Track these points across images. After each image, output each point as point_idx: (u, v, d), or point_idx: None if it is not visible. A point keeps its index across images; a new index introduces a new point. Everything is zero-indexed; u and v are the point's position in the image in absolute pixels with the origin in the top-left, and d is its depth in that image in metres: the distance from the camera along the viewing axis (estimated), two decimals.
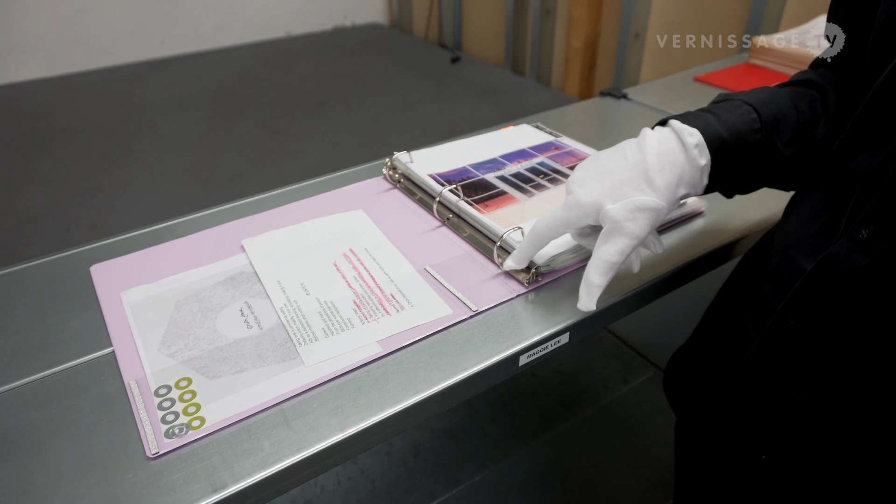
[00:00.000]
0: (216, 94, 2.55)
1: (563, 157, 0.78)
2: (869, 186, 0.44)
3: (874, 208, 0.42)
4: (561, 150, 0.80)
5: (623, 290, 0.59)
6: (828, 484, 0.51)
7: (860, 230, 0.43)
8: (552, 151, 0.80)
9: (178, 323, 0.56)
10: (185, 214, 0.74)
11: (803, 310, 0.47)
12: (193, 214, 0.73)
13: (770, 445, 0.54)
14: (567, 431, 1.07)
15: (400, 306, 0.57)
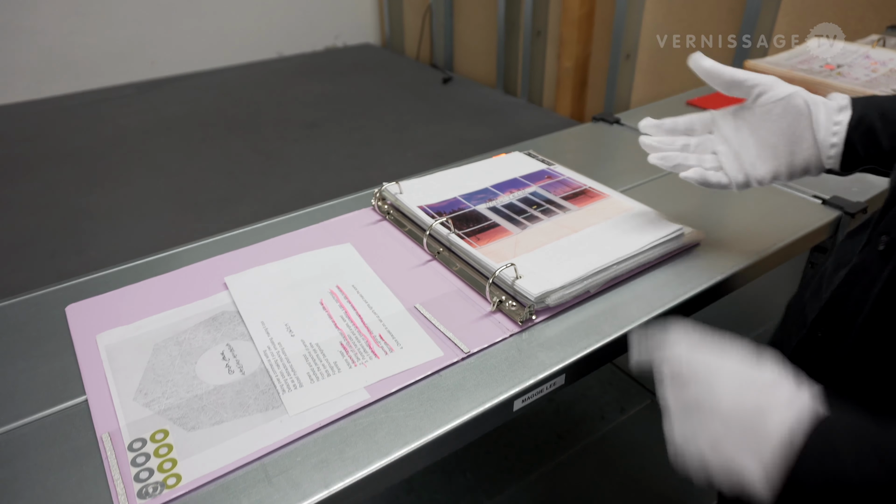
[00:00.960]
0: (206, 115, 2.54)
1: (556, 187, 0.76)
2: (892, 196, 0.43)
3: (894, 216, 0.42)
4: (554, 179, 0.78)
5: (619, 328, 0.57)
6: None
7: (880, 239, 0.42)
8: (545, 180, 0.78)
9: (156, 368, 0.53)
10: (173, 239, 0.72)
11: (830, 322, 0.46)
12: (174, 249, 0.70)
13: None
14: (563, 464, 1.05)
15: (389, 348, 0.55)
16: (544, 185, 0.77)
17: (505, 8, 2.64)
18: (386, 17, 3.40)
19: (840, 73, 1.10)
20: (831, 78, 1.07)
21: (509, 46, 2.73)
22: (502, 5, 2.64)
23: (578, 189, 0.75)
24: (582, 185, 0.76)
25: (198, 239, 0.73)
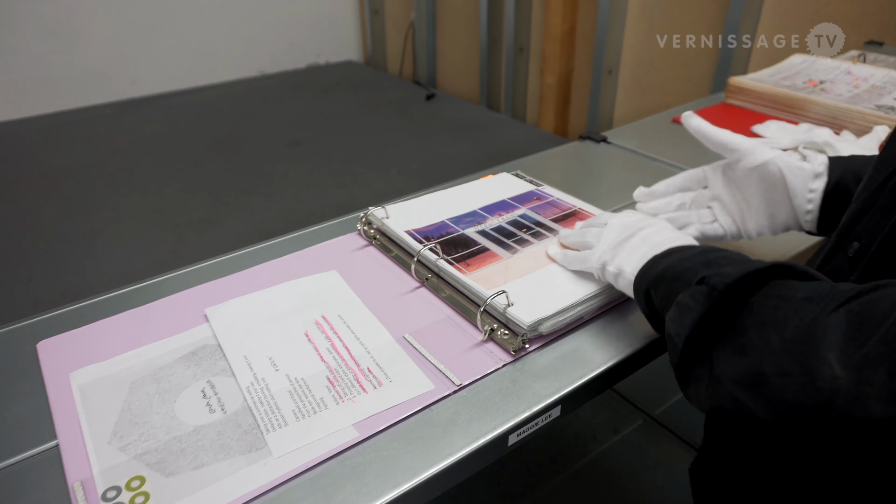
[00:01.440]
0: (187, 134, 2.51)
1: (546, 209, 0.75)
2: (866, 205, 0.45)
3: (865, 224, 0.44)
4: (543, 201, 0.77)
5: (615, 355, 0.56)
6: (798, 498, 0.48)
7: (850, 245, 0.45)
8: (534, 202, 0.76)
9: (132, 408, 0.51)
10: (153, 262, 0.70)
11: None
12: (152, 279, 0.68)
13: (738, 463, 0.53)
14: (557, 488, 1.03)
15: (378, 382, 0.52)
16: (533, 206, 0.75)
17: (487, 24, 2.65)
18: (368, 34, 3.40)
19: (823, 89, 1.10)
20: (815, 94, 1.08)
21: (492, 63, 2.74)
22: (484, 22, 2.65)
23: (568, 210, 0.74)
24: (571, 206, 0.75)
25: (178, 264, 0.70)
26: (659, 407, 1.18)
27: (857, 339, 0.33)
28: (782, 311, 0.38)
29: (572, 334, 0.58)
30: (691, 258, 0.47)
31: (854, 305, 0.35)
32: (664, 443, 1.11)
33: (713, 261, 0.45)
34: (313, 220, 1.82)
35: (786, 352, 0.36)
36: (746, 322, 0.40)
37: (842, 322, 0.34)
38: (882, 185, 0.45)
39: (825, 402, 0.34)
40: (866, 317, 0.33)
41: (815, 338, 0.35)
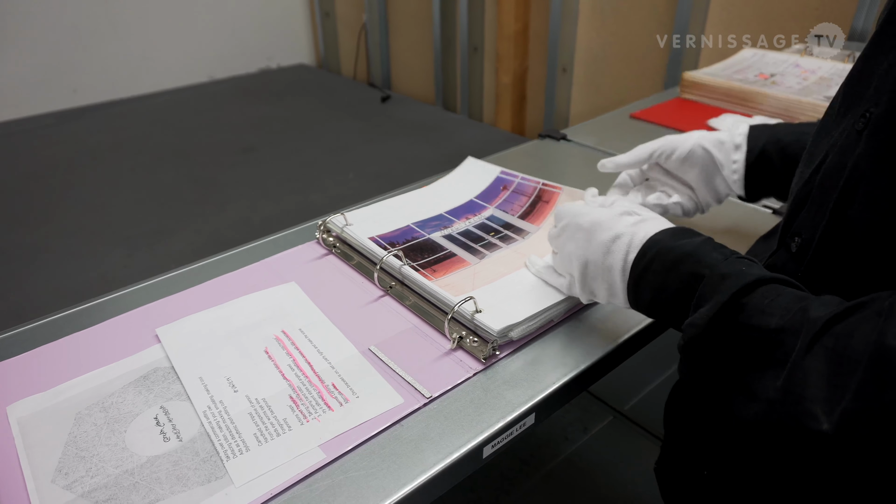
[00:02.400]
0: (135, 144, 2.42)
1: (513, 200, 0.72)
2: (800, 200, 0.46)
3: (802, 219, 0.45)
4: (510, 189, 0.74)
5: (587, 358, 0.54)
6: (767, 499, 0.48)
7: (793, 240, 0.46)
8: (501, 195, 0.74)
9: (78, 441, 0.47)
10: (102, 277, 0.66)
11: None
12: (97, 299, 0.64)
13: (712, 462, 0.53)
14: (530, 490, 1.01)
15: (344, 398, 0.50)
16: (501, 203, 0.73)
17: (440, 25, 2.63)
18: (320, 36, 3.35)
19: (774, 82, 1.12)
20: (766, 87, 1.09)
21: (446, 63, 2.72)
22: (437, 22, 2.63)
23: (534, 194, 0.72)
24: (536, 184, 0.72)
25: (129, 279, 0.67)
26: (628, 403, 1.18)
27: (837, 388, 0.33)
28: (762, 345, 0.37)
29: (543, 338, 0.57)
30: (664, 285, 0.45)
31: (828, 340, 0.34)
32: (634, 438, 1.12)
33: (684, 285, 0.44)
34: (270, 227, 1.77)
35: (781, 402, 0.36)
36: (738, 359, 0.39)
37: (820, 365, 0.34)
38: (810, 179, 0.45)
39: (819, 452, 0.35)
40: (843, 358, 0.33)
41: (798, 388, 0.34)
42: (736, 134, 0.62)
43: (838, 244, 0.41)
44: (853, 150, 0.40)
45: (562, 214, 0.56)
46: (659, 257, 0.46)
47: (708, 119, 1.05)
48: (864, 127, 0.39)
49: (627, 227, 0.49)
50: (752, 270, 0.41)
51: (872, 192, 0.37)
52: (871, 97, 0.40)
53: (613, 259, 0.49)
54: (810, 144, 0.49)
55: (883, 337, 0.31)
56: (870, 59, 0.43)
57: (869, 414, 0.31)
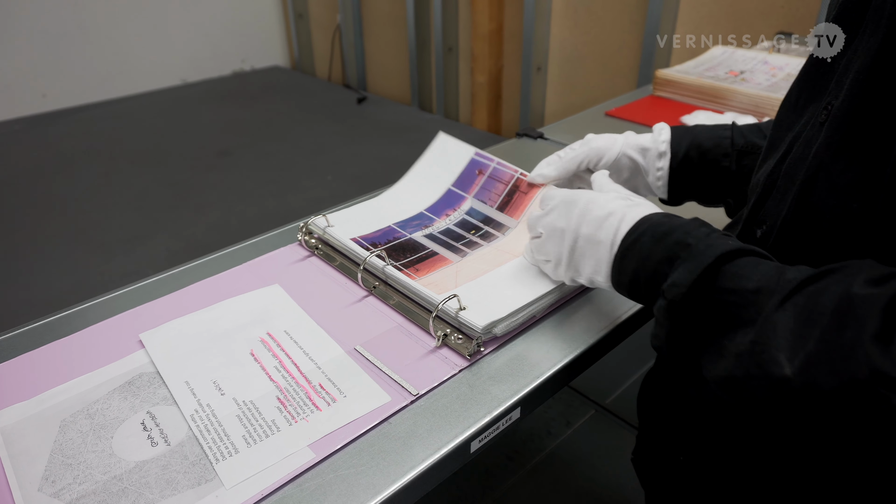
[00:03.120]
0: (108, 149, 2.38)
1: (490, 187, 0.72)
2: (765, 189, 0.48)
3: (767, 208, 0.47)
4: (485, 174, 0.73)
5: (571, 351, 0.56)
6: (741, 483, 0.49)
7: (758, 228, 0.48)
8: (478, 180, 0.73)
9: (64, 449, 0.47)
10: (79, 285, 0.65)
11: None
12: (79, 306, 0.63)
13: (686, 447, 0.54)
14: (515, 485, 1.03)
15: (331, 398, 0.50)
16: (478, 190, 0.73)
17: (415, 25, 2.64)
18: (294, 38, 3.33)
19: (744, 79, 1.15)
20: (736, 84, 1.12)
21: (422, 63, 2.73)
22: (412, 23, 2.64)
23: (511, 182, 0.71)
24: (513, 173, 0.72)
25: (106, 286, 0.66)
26: (609, 396, 1.20)
27: (802, 338, 0.34)
28: (737, 307, 0.39)
29: (526, 333, 0.58)
30: (650, 254, 0.46)
31: (799, 298, 0.36)
32: (616, 431, 1.13)
33: (670, 253, 0.45)
34: (248, 230, 1.76)
35: (749, 353, 0.37)
36: (714, 321, 0.40)
37: (788, 319, 0.35)
38: (775, 169, 0.47)
39: (784, 400, 0.36)
40: (811, 313, 0.35)
41: (766, 337, 0.36)
42: (660, 142, 0.64)
43: (801, 230, 0.43)
44: (816, 140, 0.42)
45: (552, 195, 0.57)
46: (649, 231, 0.47)
47: (681, 116, 1.07)
48: (826, 119, 0.41)
49: (621, 207, 0.51)
50: (735, 244, 0.43)
51: (831, 179, 0.39)
52: (832, 90, 0.42)
53: (604, 234, 0.50)
54: (770, 137, 0.51)
55: (849, 287, 0.33)
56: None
57: (828, 355, 0.33)
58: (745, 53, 1.27)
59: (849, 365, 0.32)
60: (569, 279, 0.55)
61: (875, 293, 0.32)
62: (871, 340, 0.31)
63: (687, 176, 0.64)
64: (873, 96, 0.37)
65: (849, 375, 0.32)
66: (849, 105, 0.38)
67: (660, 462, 0.59)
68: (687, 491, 0.55)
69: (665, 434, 0.57)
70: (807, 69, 0.48)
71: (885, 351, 0.30)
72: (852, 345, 0.32)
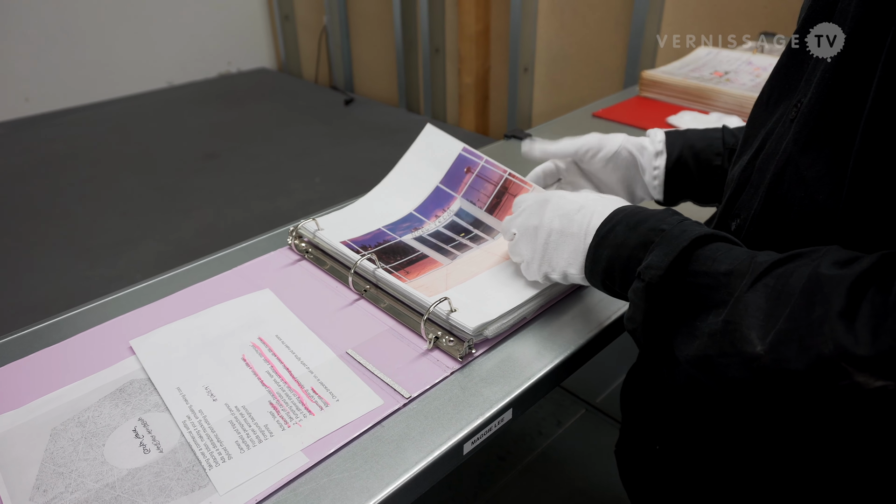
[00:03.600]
0: (92, 152, 2.36)
1: (479, 188, 0.71)
2: (739, 184, 0.49)
3: (742, 202, 0.48)
4: (474, 172, 0.72)
5: (561, 352, 0.56)
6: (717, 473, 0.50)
7: (732, 222, 0.49)
8: (466, 178, 0.73)
9: (55, 457, 0.46)
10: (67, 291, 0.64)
11: None
12: (67, 313, 0.63)
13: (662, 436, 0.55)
14: (507, 485, 1.03)
15: (324, 402, 0.50)
16: (467, 190, 0.72)
17: (402, 26, 2.64)
18: (280, 40, 3.32)
19: (728, 80, 1.16)
20: (721, 84, 1.13)
21: (409, 65, 2.73)
22: (398, 24, 2.64)
23: (500, 183, 0.71)
24: (502, 173, 0.71)
25: (93, 292, 0.66)
26: (599, 395, 1.21)
27: (773, 317, 0.36)
28: (709, 288, 0.40)
29: (518, 335, 0.58)
30: (625, 241, 0.47)
31: (770, 279, 0.37)
32: (607, 429, 1.14)
33: (645, 238, 0.46)
34: (237, 233, 1.75)
35: (721, 332, 0.38)
36: (687, 303, 0.42)
37: (759, 298, 0.37)
38: (749, 164, 0.49)
39: (755, 377, 0.37)
40: (781, 293, 0.36)
41: (738, 317, 0.37)
42: (656, 141, 0.65)
43: (771, 222, 0.44)
44: (786, 136, 0.43)
45: (524, 198, 0.59)
46: (624, 220, 0.49)
47: (667, 116, 1.08)
48: (795, 115, 0.43)
49: (592, 201, 0.53)
50: (709, 230, 0.44)
51: (799, 172, 0.41)
52: (801, 89, 0.44)
53: (576, 226, 0.52)
54: (745, 134, 0.53)
55: (817, 268, 0.35)
56: (795, 55, 0.46)
57: (797, 332, 0.34)
58: (729, 54, 1.28)
59: (815, 341, 0.33)
60: (542, 276, 0.56)
61: (841, 273, 0.33)
62: (836, 317, 0.32)
63: (682, 175, 0.65)
64: (838, 94, 0.38)
65: (815, 351, 0.33)
66: (815, 102, 0.40)
67: (638, 453, 0.60)
68: (663, 480, 0.56)
69: (643, 425, 0.58)
70: (778, 69, 0.49)
71: (849, 327, 0.32)
72: (819, 322, 0.33)
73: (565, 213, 0.53)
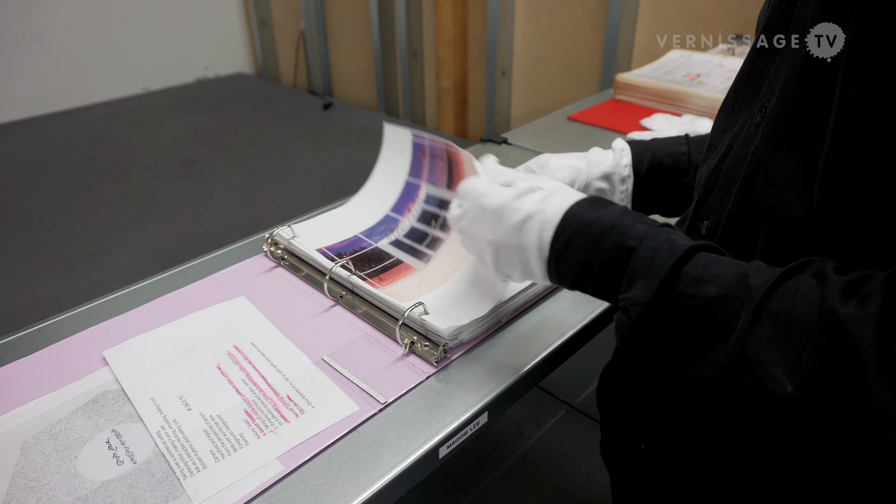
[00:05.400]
0: (67, 160, 2.33)
1: (435, 169, 0.70)
2: (707, 188, 0.50)
3: (711, 204, 0.49)
4: (427, 154, 0.71)
5: (535, 355, 0.57)
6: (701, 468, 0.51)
7: (702, 224, 0.50)
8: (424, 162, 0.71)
9: (26, 471, 0.46)
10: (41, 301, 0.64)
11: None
12: (39, 324, 0.62)
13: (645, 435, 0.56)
14: (489, 488, 1.03)
15: (299, 409, 0.51)
16: (428, 173, 0.71)
17: (379, 31, 2.64)
18: (258, 45, 3.30)
19: (700, 83, 1.18)
20: (693, 87, 1.15)
21: (387, 69, 2.73)
22: (376, 29, 2.64)
23: (445, 157, 0.68)
24: (443, 146, 0.68)
25: (69, 302, 0.65)
26: (579, 395, 1.22)
27: (792, 351, 0.35)
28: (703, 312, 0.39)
29: (493, 338, 0.59)
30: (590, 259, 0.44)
31: (772, 304, 0.36)
32: (587, 429, 1.15)
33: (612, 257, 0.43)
34: (215, 240, 1.74)
35: (737, 364, 0.37)
36: (684, 326, 0.40)
37: (768, 329, 0.36)
38: (717, 168, 0.50)
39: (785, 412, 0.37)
40: (791, 323, 0.35)
41: (752, 349, 0.36)
42: (621, 166, 0.64)
43: (744, 224, 0.45)
44: (753, 140, 0.44)
45: (465, 192, 0.53)
46: (580, 231, 0.45)
47: (641, 119, 1.10)
48: (761, 120, 0.44)
49: (536, 206, 0.47)
50: (680, 240, 0.42)
51: (770, 175, 0.42)
52: (764, 94, 0.45)
53: (527, 240, 0.47)
54: (710, 139, 0.54)
55: (826, 301, 0.34)
56: (757, 62, 0.48)
57: (833, 379, 0.34)
58: (701, 57, 1.30)
59: (860, 395, 0.33)
60: (501, 279, 0.54)
61: (860, 315, 0.33)
62: (876, 373, 0.32)
63: (649, 193, 0.65)
64: (804, 98, 0.39)
65: (863, 406, 0.33)
66: (782, 107, 0.41)
67: (624, 452, 0.60)
68: (650, 478, 0.57)
69: (625, 424, 0.59)
70: (741, 75, 0.50)
71: (891, 384, 0.32)
72: (859, 375, 0.33)
73: (511, 225, 0.48)
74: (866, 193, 0.36)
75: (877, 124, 0.35)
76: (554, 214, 0.47)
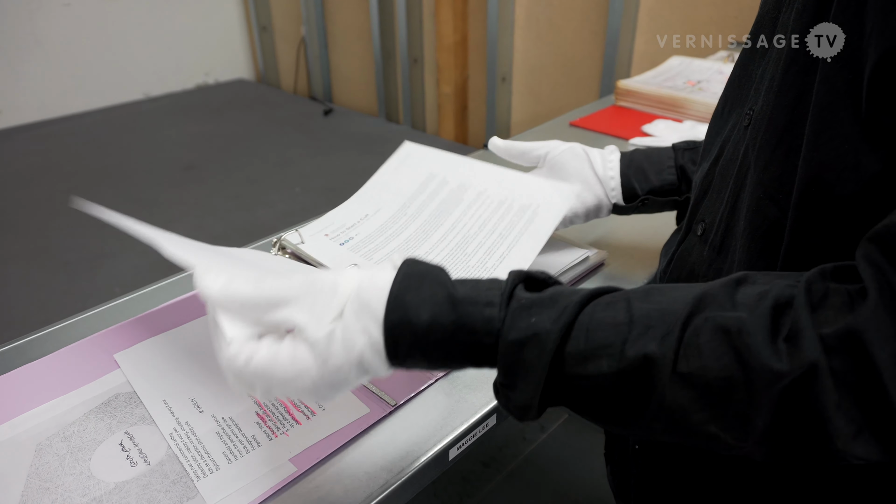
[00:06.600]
0: (68, 165, 2.34)
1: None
2: (702, 190, 0.51)
3: (706, 206, 0.51)
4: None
5: None
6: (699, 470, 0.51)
7: (698, 225, 0.51)
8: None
9: (41, 473, 0.46)
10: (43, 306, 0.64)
11: None
12: (50, 328, 0.63)
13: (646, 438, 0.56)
14: (492, 491, 1.04)
15: (310, 412, 0.51)
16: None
17: (380, 37, 2.65)
18: (258, 50, 3.31)
19: (700, 89, 1.19)
20: (694, 93, 1.16)
21: (388, 75, 2.74)
22: (377, 35, 2.65)
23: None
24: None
25: (72, 307, 0.66)
26: None
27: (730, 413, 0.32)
28: (606, 389, 0.35)
29: None
30: (450, 359, 0.37)
31: (682, 367, 0.32)
32: (590, 433, 1.16)
33: (471, 358, 0.37)
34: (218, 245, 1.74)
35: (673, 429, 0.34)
36: (592, 405, 0.36)
37: (688, 392, 0.32)
38: (710, 171, 0.51)
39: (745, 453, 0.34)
40: (707, 387, 0.32)
41: (684, 417, 0.33)
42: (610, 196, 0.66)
43: (738, 224, 0.46)
44: (743, 142, 0.46)
45: (236, 376, 0.38)
46: (417, 344, 0.36)
47: (642, 125, 1.11)
48: (748, 122, 0.46)
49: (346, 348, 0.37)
50: (540, 319, 0.35)
51: (756, 175, 0.43)
52: (752, 97, 0.47)
53: (354, 378, 0.39)
54: (704, 143, 0.56)
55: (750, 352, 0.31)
56: (746, 66, 0.49)
57: (787, 431, 0.31)
58: (701, 63, 1.31)
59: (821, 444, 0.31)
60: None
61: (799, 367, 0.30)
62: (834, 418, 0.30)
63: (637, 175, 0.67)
64: (785, 99, 0.40)
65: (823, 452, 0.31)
66: (766, 109, 0.42)
67: (620, 454, 0.61)
68: (644, 480, 0.57)
69: None
70: (731, 80, 0.52)
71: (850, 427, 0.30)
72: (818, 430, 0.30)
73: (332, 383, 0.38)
74: (836, 192, 0.37)
75: (844, 124, 0.36)
76: (372, 346, 0.37)
